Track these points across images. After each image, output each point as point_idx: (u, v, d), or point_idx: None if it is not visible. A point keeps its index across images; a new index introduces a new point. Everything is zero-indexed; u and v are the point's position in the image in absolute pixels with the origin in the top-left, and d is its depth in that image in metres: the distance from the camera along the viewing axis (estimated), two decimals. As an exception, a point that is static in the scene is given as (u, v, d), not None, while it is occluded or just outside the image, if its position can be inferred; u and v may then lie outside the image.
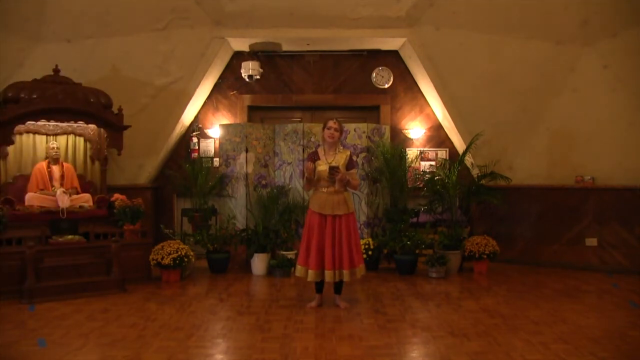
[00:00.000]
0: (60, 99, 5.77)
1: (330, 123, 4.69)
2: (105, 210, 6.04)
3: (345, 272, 4.56)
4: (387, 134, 7.06)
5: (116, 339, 3.84)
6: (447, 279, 6.04)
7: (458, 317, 4.42)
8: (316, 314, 4.51)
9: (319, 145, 5.29)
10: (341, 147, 4.90)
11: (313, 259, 4.56)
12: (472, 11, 6.41)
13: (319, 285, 4.74)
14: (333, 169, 4.54)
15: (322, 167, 4.62)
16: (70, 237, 5.53)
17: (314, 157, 4.71)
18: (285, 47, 7.36)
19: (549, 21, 6.35)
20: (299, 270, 4.67)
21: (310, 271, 4.58)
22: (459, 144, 7.36)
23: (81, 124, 6.28)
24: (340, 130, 4.73)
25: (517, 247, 7.07)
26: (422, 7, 6.52)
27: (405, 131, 7.60)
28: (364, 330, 4.05)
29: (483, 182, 6.81)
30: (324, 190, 4.64)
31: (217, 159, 7.40)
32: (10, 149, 6.01)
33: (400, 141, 7.36)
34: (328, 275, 4.56)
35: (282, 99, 7.69)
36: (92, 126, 6.37)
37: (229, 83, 7.60)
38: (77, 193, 6.12)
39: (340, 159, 4.67)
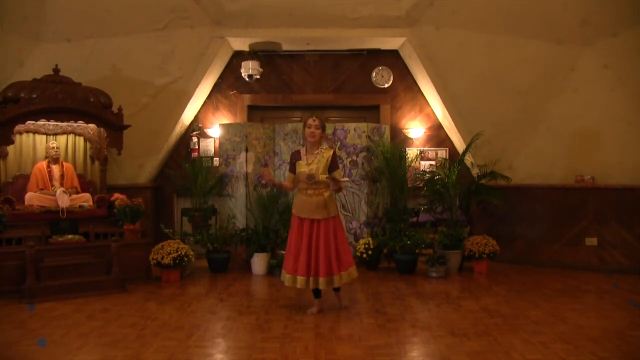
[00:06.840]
0: (60, 99, 5.77)
1: (310, 121, 4.36)
2: (105, 210, 6.05)
3: (322, 279, 4.31)
4: (387, 133, 7.06)
5: (116, 339, 3.84)
6: (447, 279, 6.04)
7: (458, 316, 4.42)
8: (316, 314, 4.49)
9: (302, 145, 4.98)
10: (325, 146, 4.55)
11: (300, 265, 4.31)
12: (472, 11, 6.41)
13: (316, 291, 4.50)
14: (310, 177, 4.31)
15: (302, 168, 4.37)
16: (70, 236, 5.52)
17: (296, 158, 4.46)
18: (285, 47, 7.36)
19: (549, 21, 6.34)
20: (286, 279, 4.42)
21: (299, 278, 4.30)
22: (459, 144, 7.36)
23: (81, 123, 6.28)
24: (323, 127, 4.41)
25: (517, 247, 7.06)
26: (422, 7, 6.52)
27: (405, 131, 7.60)
28: (364, 330, 4.05)
29: (483, 181, 6.81)
30: (303, 192, 4.39)
31: (217, 158, 7.40)
32: (10, 148, 6.02)
33: (400, 141, 7.36)
34: (299, 282, 4.31)
35: (282, 98, 7.69)
36: (92, 126, 6.37)
37: (229, 83, 7.60)
38: (77, 193, 6.12)
39: (321, 159, 4.37)
